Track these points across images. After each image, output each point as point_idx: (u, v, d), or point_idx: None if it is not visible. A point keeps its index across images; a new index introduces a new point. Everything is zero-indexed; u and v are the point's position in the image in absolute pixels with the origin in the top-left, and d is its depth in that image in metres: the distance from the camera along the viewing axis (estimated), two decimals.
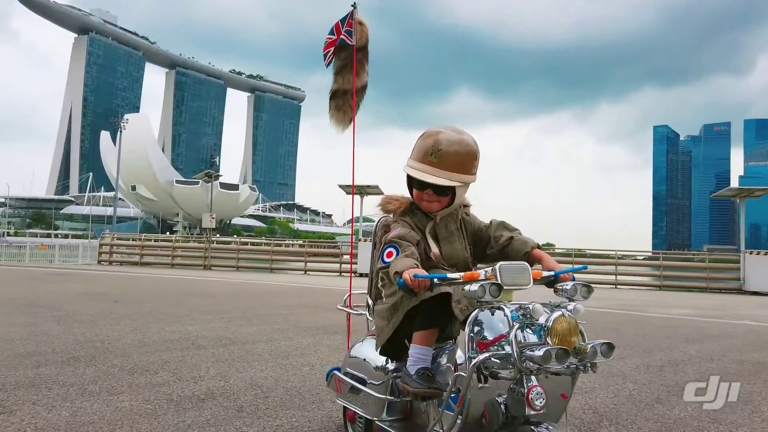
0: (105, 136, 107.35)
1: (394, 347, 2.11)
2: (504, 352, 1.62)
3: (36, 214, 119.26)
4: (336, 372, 2.47)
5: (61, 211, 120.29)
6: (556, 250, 26.48)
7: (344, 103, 2.89)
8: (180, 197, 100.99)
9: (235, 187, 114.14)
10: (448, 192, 2.06)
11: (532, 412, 1.59)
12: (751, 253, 18.24)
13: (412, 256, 1.91)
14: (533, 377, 1.61)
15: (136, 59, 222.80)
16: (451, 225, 2.17)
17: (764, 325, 8.23)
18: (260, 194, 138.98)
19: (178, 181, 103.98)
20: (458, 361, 1.96)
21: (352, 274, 3.73)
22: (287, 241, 30.43)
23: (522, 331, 1.63)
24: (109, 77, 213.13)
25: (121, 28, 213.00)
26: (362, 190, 21.56)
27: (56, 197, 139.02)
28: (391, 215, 2.18)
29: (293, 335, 5.71)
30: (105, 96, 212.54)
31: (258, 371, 4.01)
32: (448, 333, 2.05)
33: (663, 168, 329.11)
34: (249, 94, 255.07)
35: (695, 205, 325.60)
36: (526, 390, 1.59)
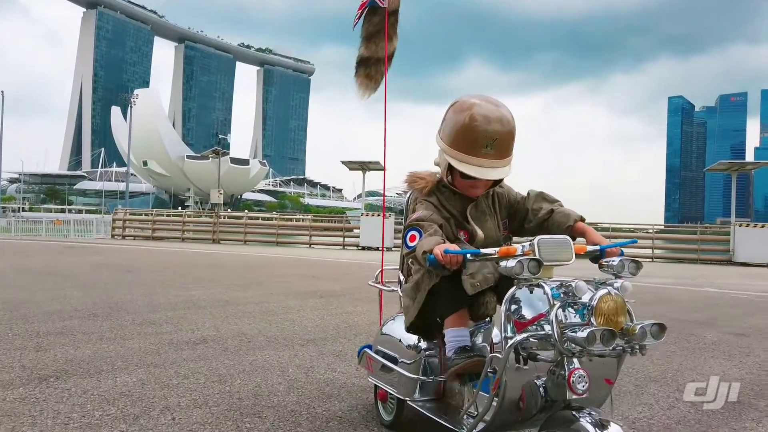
0: (116, 111, 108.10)
1: (423, 326, 2.08)
2: (543, 332, 1.55)
3: (50, 190, 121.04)
4: (367, 350, 2.44)
5: (75, 187, 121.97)
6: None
7: (376, 71, 2.74)
8: (191, 172, 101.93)
9: (245, 162, 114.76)
10: None
11: (574, 396, 1.52)
12: (740, 225, 18.83)
13: (436, 234, 1.85)
14: (575, 359, 1.53)
15: (145, 33, 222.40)
16: (482, 203, 2.08)
17: (722, 292, 8.92)
18: (270, 169, 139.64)
19: (189, 157, 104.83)
20: (494, 341, 1.94)
21: (384, 250, 3.31)
22: (298, 216, 31.18)
23: (563, 310, 1.55)
24: (118, 52, 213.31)
25: (130, 1, 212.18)
26: (364, 166, 22.25)
27: (69, 173, 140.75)
28: (418, 194, 2.11)
29: (283, 299, 6.50)
30: (115, 71, 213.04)
31: (246, 324, 4.80)
32: (483, 311, 1.96)
33: (677, 140, 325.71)
34: (258, 68, 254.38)
35: (709, 178, 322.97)
36: (567, 373, 1.52)
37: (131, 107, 58.00)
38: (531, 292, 1.62)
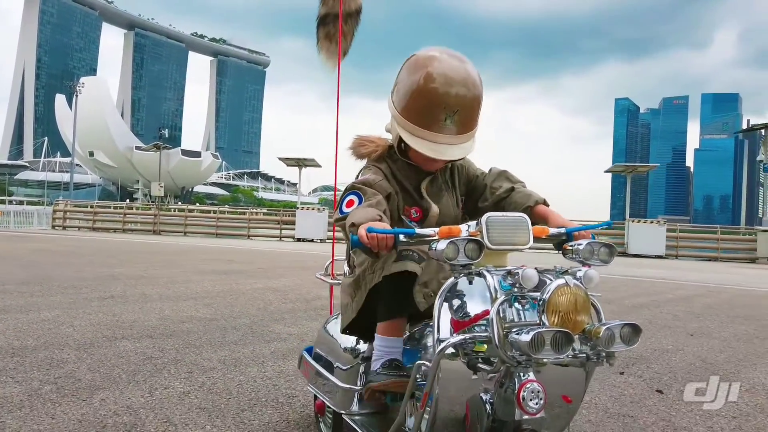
0: (60, 99, 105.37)
1: (364, 325, 1.74)
2: (485, 334, 1.25)
3: None
4: (305, 353, 2.16)
5: (15, 177, 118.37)
6: None
7: (336, 30, 2.36)
8: (140, 164, 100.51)
9: (197, 154, 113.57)
10: None
11: (525, 417, 1.22)
12: (633, 221, 21.15)
13: (378, 207, 1.57)
14: (530, 370, 1.24)
15: (93, 19, 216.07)
16: (439, 178, 1.82)
17: (614, 277, 10.81)
18: (223, 162, 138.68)
19: (138, 148, 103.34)
20: (428, 345, 1.54)
21: (335, 242, 2.62)
22: (251, 209, 32.19)
23: (511, 306, 1.27)
24: (63, 38, 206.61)
25: None
26: (301, 163, 23.64)
27: (9, 162, 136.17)
28: (365, 161, 1.82)
29: (190, 275, 7.94)
30: (60, 57, 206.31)
31: (150, 289, 6.22)
32: (430, 311, 1.46)
33: (623, 140, 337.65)
34: (211, 58, 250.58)
35: (652, 177, 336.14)
36: (517, 386, 1.23)
37: (77, 95, 57.17)
38: (470, 282, 1.35)
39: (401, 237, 1.39)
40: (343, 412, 1.80)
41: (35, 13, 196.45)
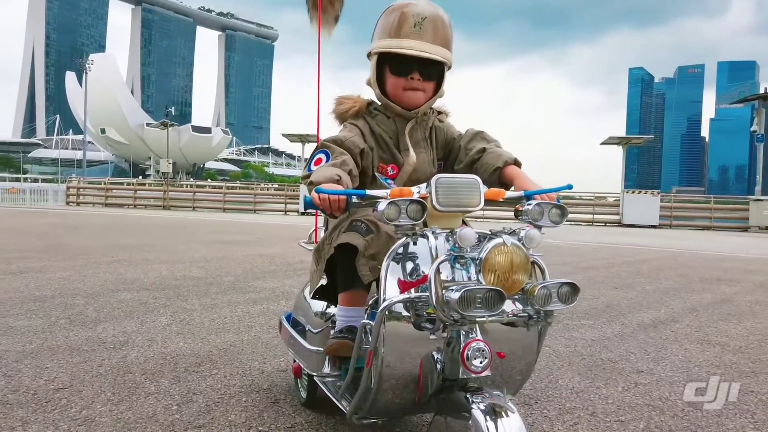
0: (70, 76, 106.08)
1: (330, 291, 1.78)
2: (425, 294, 1.28)
3: (3, 158, 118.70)
4: (283, 319, 2.20)
5: (29, 155, 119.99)
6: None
7: None
8: (151, 141, 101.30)
9: (207, 130, 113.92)
10: (432, 78, 1.75)
11: (470, 375, 1.26)
12: (627, 192, 21.68)
13: (342, 166, 1.57)
14: (477, 329, 1.28)
15: None
16: (418, 132, 1.81)
17: (590, 245, 11.53)
18: (234, 137, 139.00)
19: (148, 124, 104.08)
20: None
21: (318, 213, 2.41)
22: (262, 185, 32.88)
23: (453, 266, 1.29)
24: (72, 14, 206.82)
25: None
26: (303, 138, 24.28)
27: (23, 140, 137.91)
28: (344, 120, 1.82)
29: (191, 245, 8.75)
30: (68, 34, 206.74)
31: (151, 255, 7.02)
32: None
33: (636, 110, 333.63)
34: (220, 33, 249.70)
35: (666, 148, 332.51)
36: (462, 346, 1.25)
37: (86, 72, 57.76)
38: (414, 243, 1.37)
39: (354, 198, 1.39)
40: (314, 374, 1.82)
41: None
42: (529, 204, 1.38)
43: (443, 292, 1.23)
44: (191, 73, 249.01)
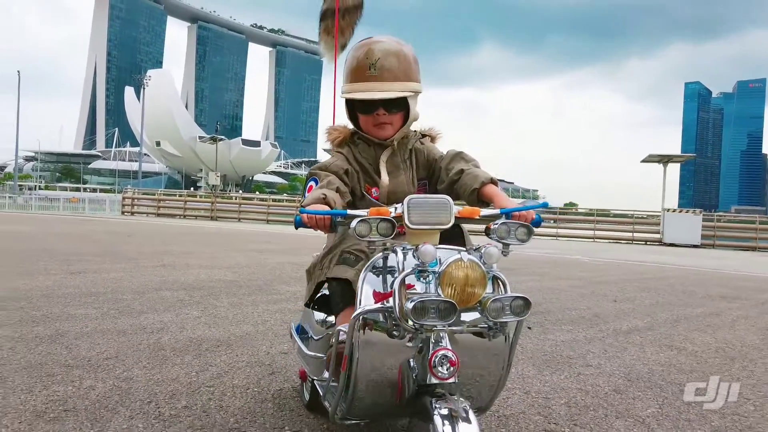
0: (129, 91, 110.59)
1: (321, 302, 1.95)
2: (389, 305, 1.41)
3: (65, 168, 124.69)
4: (292, 326, 2.31)
5: (89, 166, 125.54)
6: (579, 210, 28.91)
7: (333, 25, 2.48)
8: (203, 153, 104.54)
9: (256, 143, 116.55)
10: (399, 108, 1.86)
11: (435, 381, 1.38)
12: (668, 211, 21.51)
13: (329, 186, 1.72)
14: (446, 338, 1.41)
15: (158, 13, 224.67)
16: (397, 156, 1.94)
17: (616, 262, 11.80)
18: (282, 151, 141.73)
19: (200, 138, 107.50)
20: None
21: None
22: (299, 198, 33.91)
23: (417, 280, 1.43)
24: (131, 32, 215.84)
25: None
26: None
27: (84, 152, 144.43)
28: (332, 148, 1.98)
29: (230, 253, 9.49)
30: (128, 51, 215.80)
31: (192, 260, 7.76)
32: None
33: (693, 126, 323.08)
34: (271, 48, 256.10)
35: (725, 165, 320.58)
36: (430, 353, 1.38)
37: (144, 88, 60.40)
38: (385, 258, 1.51)
39: (338, 218, 1.52)
40: (315, 378, 1.94)
41: (105, 9, 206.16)
42: (496, 223, 1.49)
43: (405, 302, 1.37)
44: (243, 88, 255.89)
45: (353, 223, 1.43)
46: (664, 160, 22.39)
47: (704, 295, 6.73)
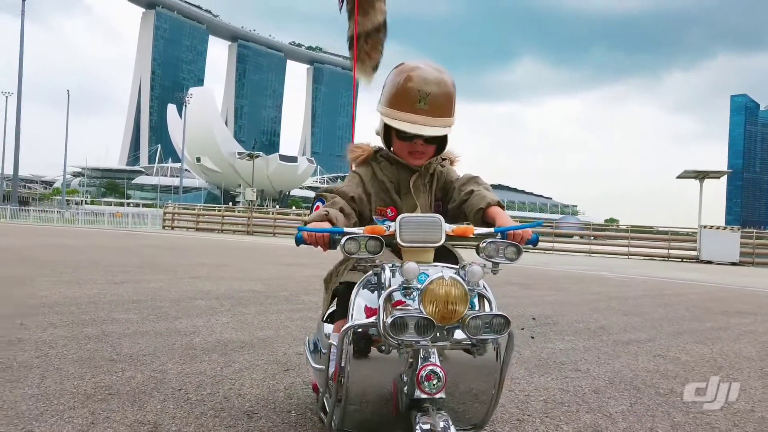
0: (171, 109, 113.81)
1: (339, 316, 1.90)
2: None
3: (110, 184, 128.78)
4: (307, 340, 2.31)
5: (133, 181, 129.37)
6: (621, 226, 28.65)
7: (362, 49, 2.58)
8: (242, 169, 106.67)
9: (293, 159, 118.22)
10: (437, 140, 1.92)
11: (423, 396, 1.41)
12: (705, 227, 21.23)
13: (333, 205, 1.79)
14: (435, 353, 1.44)
15: (200, 33, 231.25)
16: (419, 181, 1.98)
17: (641, 278, 11.91)
18: (318, 166, 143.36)
19: (239, 154, 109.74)
20: None
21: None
22: None
23: (404, 296, 1.46)
24: (175, 51, 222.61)
25: (186, 1, 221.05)
26: None
27: (128, 168, 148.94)
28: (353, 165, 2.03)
29: (262, 266, 9.97)
30: (171, 69, 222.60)
31: (226, 272, 8.25)
32: None
33: (740, 140, 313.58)
34: (308, 66, 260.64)
35: None
36: (418, 368, 1.42)
37: (186, 105, 62.31)
38: (375, 275, 1.56)
39: (337, 235, 1.56)
40: (321, 390, 1.94)
41: (150, 30, 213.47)
42: (485, 242, 1.55)
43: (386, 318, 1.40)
44: (281, 105, 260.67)
45: (342, 240, 1.50)
46: (700, 176, 22.13)
47: (720, 311, 6.84)
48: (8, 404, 2.45)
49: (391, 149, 1.98)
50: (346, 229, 1.59)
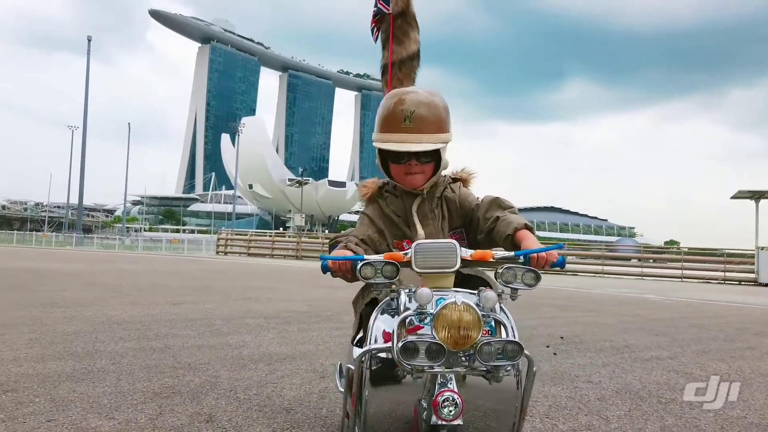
0: (225, 138, 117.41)
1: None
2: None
3: (167, 211, 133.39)
4: (339, 363, 2.33)
5: (188, 208, 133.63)
6: (682, 248, 28.04)
7: (394, 76, 2.61)
8: (292, 195, 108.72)
9: (342, 184, 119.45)
10: (431, 158, 1.90)
11: (440, 422, 1.39)
12: (762, 249, 20.61)
13: (349, 242, 1.85)
14: (453, 379, 1.44)
15: (253, 64, 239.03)
16: (425, 206, 1.96)
17: (687, 301, 11.90)
18: None
19: (290, 180, 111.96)
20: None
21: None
22: None
23: (418, 322, 1.46)
24: (228, 82, 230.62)
25: (239, 35, 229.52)
26: None
27: (184, 195, 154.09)
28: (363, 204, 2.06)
29: (307, 288, 10.51)
30: (225, 100, 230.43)
31: (274, 294, 8.79)
32: None
33: None
34: (356, 92, 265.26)
35: None
36: (435, 394, 1.41)
37: (239, 134, 64.56)
38: (392, 299, 1.57)
39: (360, 263, 1.56)
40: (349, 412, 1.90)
41: (205, 63, 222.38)
42: (502, 267, 1.53)
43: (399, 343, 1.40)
44: (329, 131, 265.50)
45: (359, 265, 1.53)
46: (756, 196, 21.61)
47: (756, 332, 6.88)
48: (93, 398, 2.98)
49: (390, 175, 2.00)
50: (366, 257, 1.62)
